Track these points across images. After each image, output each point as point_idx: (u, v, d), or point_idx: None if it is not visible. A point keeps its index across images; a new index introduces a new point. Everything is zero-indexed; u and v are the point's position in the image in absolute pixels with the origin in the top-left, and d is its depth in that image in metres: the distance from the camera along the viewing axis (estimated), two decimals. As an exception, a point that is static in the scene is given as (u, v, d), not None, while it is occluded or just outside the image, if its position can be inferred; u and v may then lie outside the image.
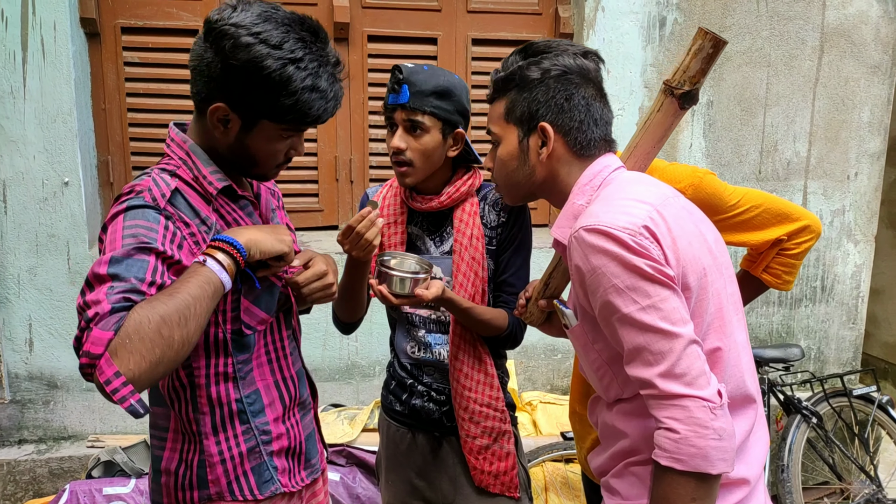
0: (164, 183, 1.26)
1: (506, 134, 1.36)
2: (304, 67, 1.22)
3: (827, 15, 3.31)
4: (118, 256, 1.13)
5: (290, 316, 1.51)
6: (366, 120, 3.18)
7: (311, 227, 3.24)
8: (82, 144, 2.84)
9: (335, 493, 2.63)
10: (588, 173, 1.32)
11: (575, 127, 1.31)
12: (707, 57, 1.31)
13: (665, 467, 1.13)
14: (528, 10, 3.24)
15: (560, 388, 3.35)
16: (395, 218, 1.79)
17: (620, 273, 1.15)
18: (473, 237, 1.71)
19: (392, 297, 1.56)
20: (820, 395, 3.12)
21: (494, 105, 1.39)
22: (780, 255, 1.81)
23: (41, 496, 2.85)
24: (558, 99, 1.30)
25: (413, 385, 1.82)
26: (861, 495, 3.11)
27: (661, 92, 1.37)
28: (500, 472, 1.76)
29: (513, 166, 1.35)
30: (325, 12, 3.06)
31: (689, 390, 1.12)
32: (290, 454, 1.46)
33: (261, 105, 1.24)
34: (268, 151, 1.32)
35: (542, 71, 1.31)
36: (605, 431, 1.38)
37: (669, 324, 1.14)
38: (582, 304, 1.27)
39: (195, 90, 1.28)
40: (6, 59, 2.69)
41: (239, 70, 1.20)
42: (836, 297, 3.57)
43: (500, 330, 1.72)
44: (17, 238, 2.80)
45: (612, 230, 1.16)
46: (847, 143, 3.44)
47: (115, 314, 1.06)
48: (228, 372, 1.35)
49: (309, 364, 3.09)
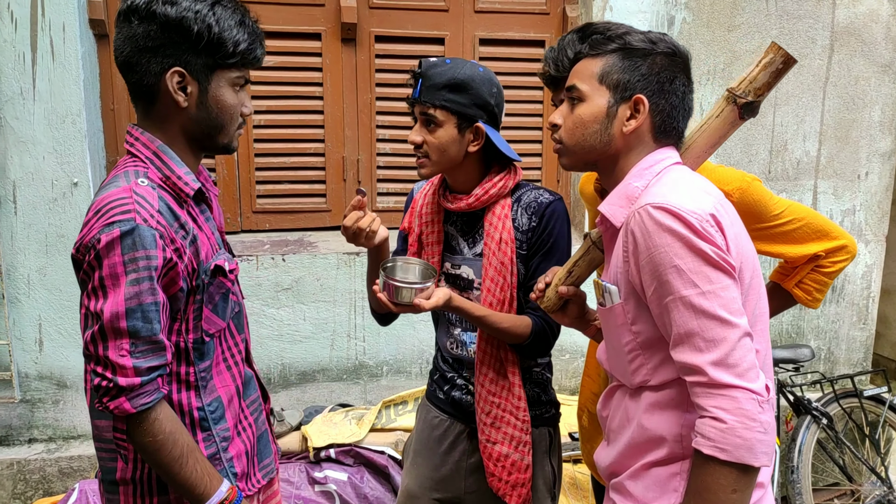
0: (148, 195, 1.25)
1: (594, 95, 1.31)
2: (227, 6, 1.30)
3: (837, 13, 3.29)
4: (132, 307, 1.20)
5: (240, 319, 1.51)
6: (373, 120, 3.18)
7: (319, 228, 3.25)
8: (91, 145, 2.85)
9: (343, 492, 2.63)
10: (651, 158, 1.30)
11: (667, 111, 1.29)
12: (776, 72, 1.29)
13: (707, 456, 1.12)
14: (536, 9, 3.23)
15: (568, 389, 3.34)
16: (431, 217, 1.78)
17: (685, 255, 1.14)
18: (503, 241, 1.67)
19: (392, 306, 1.55)
20: (830, 395, 3.10)
21: (587, 63, 1.33)
22: (815, 271, 1.81)
23: (51, 495, 2.86)
24: (662, 78, 1.28)
25: (454, 378, 1.83)
26: (872, 497, 3.09)
27: (724, 99, 1.34)
28: (517, 483, 1.73)
29: (592, 129, 1.31)
30: (332, 13, 3.06)
31: (740, 381, 1.12)
32: (245, 456, 1.46)
33: (207, 50, 1.28)
34: (228, 107, 1.34)
35: (652, 43, 1.29)
36: (622, 423, 1.33)
37: (728, 312, 1.14)
38: (632, 280, 1.24)
39: (141, 74, 1.28)
40: (16, 61, 2.71)
41: (176, 24, 1.25)
42: (846, 298, 3.55)
43: (521, 338, 1.67)
44: (27, 238, 2.82)
45: (681, 211, 1.15)
46: (857, 143, 3.42)
47: (144, 392, 1.23)
48: (191, 381, 1.36)
49: (317, 364, 3.12)
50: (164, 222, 1.24)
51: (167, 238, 1.24)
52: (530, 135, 3.32)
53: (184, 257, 1.28)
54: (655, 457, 1.26)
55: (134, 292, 1.19)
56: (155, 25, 1.25)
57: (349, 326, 3.13)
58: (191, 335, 1.34)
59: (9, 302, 2.82)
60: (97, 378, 1.21)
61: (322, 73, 3.11)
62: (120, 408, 1.21)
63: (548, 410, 1.82)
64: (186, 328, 1.33)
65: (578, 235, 3.31)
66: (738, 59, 3.23)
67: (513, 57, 3.23)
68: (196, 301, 1.33)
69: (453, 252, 1.77)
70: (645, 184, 1.27)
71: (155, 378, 1.24)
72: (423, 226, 1.79)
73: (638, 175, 1.29)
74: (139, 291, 1.19)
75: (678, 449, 1.23)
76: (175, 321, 1.31)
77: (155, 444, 1.24)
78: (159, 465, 1.26)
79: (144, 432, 1.23)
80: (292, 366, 3.11)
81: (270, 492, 1.60)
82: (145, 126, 1.34)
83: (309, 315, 3.09)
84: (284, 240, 3.17)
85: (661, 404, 1.25)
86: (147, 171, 1.29)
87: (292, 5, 3.03)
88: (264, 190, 3.16)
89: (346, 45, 3.10)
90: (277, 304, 3.04)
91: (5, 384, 2.88)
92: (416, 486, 1.87)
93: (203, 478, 1.28)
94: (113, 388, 1.20)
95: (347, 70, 3.13)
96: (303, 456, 2.77)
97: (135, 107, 1.34)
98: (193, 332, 1.34)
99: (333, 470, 2.68)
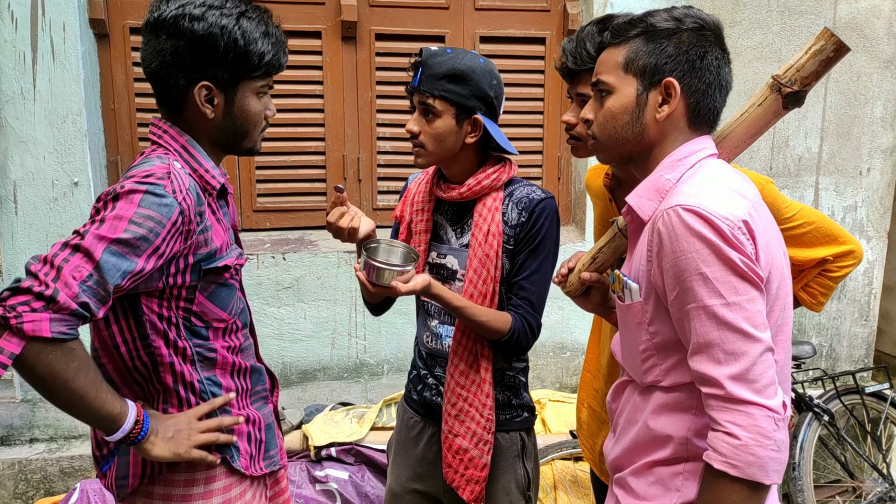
0: (183, 176, 1.29)
1: (621, 85, 1.24)
2: (252, 17, 1.33)
3: (839, 9, 3.28)
4: (114, 250, 1.16)
5: (245, 315, 1.54)
6: (374, 118, 3.18)
7: (320, 226, 3.24)
8: (92, 145, 2.85)
9: (344, 491, 2.63)
10: (684, 149, 1.23)
11: (702, 90, 1.21)
12: (826, 60, 1.21)
13: (718, 471, 1.10)
14: (536, 6, 3.22)
15: (569, 387, 3.33)
16: (423, 205, 1.78)
17: (712, 262, 1.09)
18: (490, 234, 1.66)
19: (370, 285, 1.53)
20: (832, 392, 3.09)
21: (610, 52, 1.27)
22: (821, 275, 1.81)
23: (52, 494, 2.87)
24: (691, 55, 1.20)
25: (426, 377, 1.83)
26: (873, 493, 3.08)
27: (768, 87, 1.27)
28: (472, 479, 1.72)
29: (623, 121, 1.24)
30: (332, 11, 3.05)
31: (757, 398, 1.09)
32: (250, 440, 1.48)
33: (235, 64, 1.32)
34: (253, 116, 1.39)
35: (677, 21, 1.21)
36: (630, 419, 1.32)
37: (751, 326, 1.10)
38: (653, 281, 1.19)
39: (170, 87, 1.33)
40: (16, 61, 2.71)
41: (205, 40, 1.29)
42: (848, 294, 3.54)
43: (499, 333, 1.65)
44: (28, 238, 2.82)
45: (712, 216, 1.10)
46: (859, 139, 3.41)
47: (67, 321, 1.12)
48: (188, 354, 1.37)
49: (317, 363, 3.12)
50: (190, 203, 1.27)
51: (186, 217, 1.26)
52: (531, 132, 3.31)
53: (189, 241, 1.29)
54: (659, 456, 1.25)
55: (127, 240, 1.17)
56: (182, 41, 1.29)
57: (350, 325, 3.13)
58: (181, 312, 1.34)
59: (10, 301, 2.82)
60: (31, 280, 1.10)
61: (322, 71, 3.10)
62: (35, 325, 1.09)
63: (518, 414, 1.80)
64: (177, 305, 1.34)
65: (580, 232, 3.30)
66: (740, 56, 3.22)
67: (513, 54, 3.22)
68: (189, 283, 1.33)
69: (440, 241, 1.77)
70: (678, 176, 1.21)
71: (81, 317, 1.14)
72: (413, 214, 1.79)
73: (670, 166, 1.23)
74: (131, 244, 1.18)
75: (682, 451, 1.22)
76: (163, 296, 1.31)
77: (69, 370, 1.15)
78: (73, 392, 1.17)
79: (57, 359, 1.13)
80: (293, 364, 3.11)
81: (278, 489, 1.61)
82: (178, 127, 1.38)
83: (310, 314, 3.09)
84: (285, 238, 3.17)
85: (670, 406, 1.23)
86: (178, 160, 1.34)
87: (292, 3, 3.03)
88: (265, 189, 3.16)
89: (347, 43, 3.10)
90: (278, 303, 3.04)
91: (6, 384, 2.88)
92: (398, 486, 1.88)
93: (116, 400, 1.24)
94: (44, 298, 1.09)
95: (348, 68, 3.12)
96: (304, 455, 2.77)
97: (160, 108, 1.39)
98: (184, 312, 1.35)
99: (334, 468, 2.68)
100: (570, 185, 3.40)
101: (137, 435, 1.27)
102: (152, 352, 1.34)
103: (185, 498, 1.38)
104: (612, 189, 1.77)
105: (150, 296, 1.31)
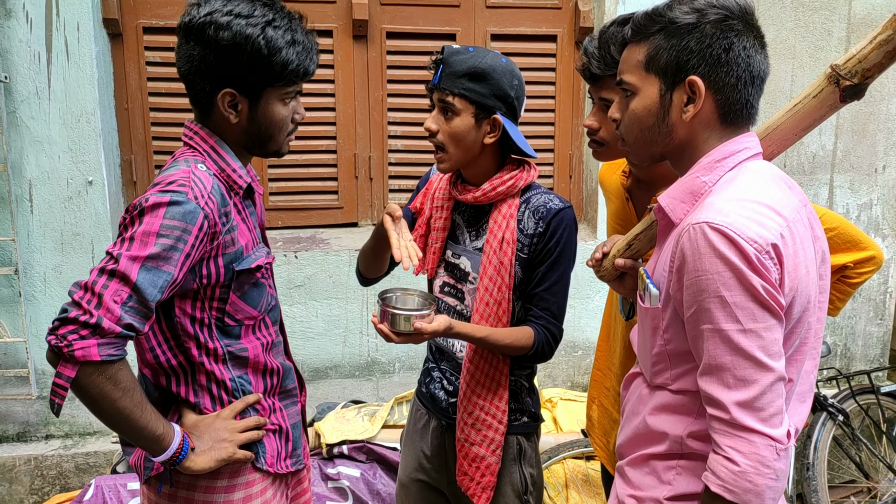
0: (205, 179, 1.33)
1: (644, 85, 1.19)
2: (279, 26, 1.35)
3: (853, 5, 3.25)
4: (149, 267, 1.22)
5: (276, 313, 1.57)
6: (385, 117, 3.18)
7: (331, 225, 3.26)
8: (106, 144, 2.87)
9: (356, 488, 2.64)
10: (723, 149, 1.17)
11: (730, 84, 1.14)
12: (893, 52, 1.12)
13: (714, 494, 1.10)
14: (548, 4, 3.21)
15: (580, 385, 3.33)
16: (443, 202, 1.77)
17: (733, 286, 1.06)
18: (504, 241, 1.64)
19: (395, 336, 1.54)
20: (846, 392, 3.07)
21: (632, 50, 1.21)
22: (840, 281, 1.78)
23: (67, 490, 2.90)
24: (715, 49, 1.13)
25: (433, 370, 1.85)
26: (889, 494, 3.06)
27: (825, 77, 1.19)
28: (488, 486, 1.72)
29: (648, 122, 1.20)
30: (343, 9, 3.06)
31: (762, 427, 1.08)
32: (279, 437, 1.51)
33: (258, 73, 1.34)
34: (278, 121, 1.42)
35: (698, 13, 1.14)
36: (633, 411, 1.34)
37: (766, 355, 1.08)
38: (672, 294, 1.17)
39: (197, 91, 1.38)
40: (31, 61, 2.73)
41: (229, 49, 1.31)
42: (862, 293, 3.51)
43: (524, 350, 1.66)
44: (43, 237, 2.85)
45: (740, 238, 1.05)
46: (874, 136, 3.37)
47: (114, 343, 1.19)
48: (219, 354, 1.41)
49: (329, 361, 3.13)
50: (213, 206, 1.31)
51: (211, 220, 1.30)
52: (542, 130, 3.30)
53: (215, 241, 1.33)
54: (655, 450, 1.26)
55: (158, 254, 1.22)
56: (208, 49, 1.32)
57: (361, 323, 3.14)
58: (214, 313, 1.39)
59: (25, 300, 2.85)
60: (76, 310, 1.17)
61: (333, 70, 3.11)
62: (85, 350, 1.17)
63: (517, 418, 1.79)
64: (210, 305, 1.38)
65: (591, 230, 3.29)
66: (753, 53, 3.20)
67: (524, 52, 3.21)
68: (223, 287, 1.38)
69: (456, 241, 1.76)
70: (715, 179, 1.15)
71: (127, 337, 1.22)
72: (433, 210, 1.78)
73: (708, 167, 1.17)
74: (163, 257, 1.23)
75: (677, 448, 1.23)
76: (197, 298, 1.36)
77: (117, 391, 1.22)
78: (119, 411, 1.24)
79: (107, 380, 1.21)
80: (305, 362, 3.13)
81: (301, 489, 1.63)
82: (206, 129, 1.42)
83: (321, 312, 3.10)
84: (297, 237, 3.18)
85: (672, 407, 1.24)
86: (204, 162, 1.37)
87: (303, 2, 3.04)
88: (276, 187, 3.17)
89: (358, 41, 3.10)
90: (290, 301, 3.05)
91: (22, 381, 2.92)
92: (405, 476, 1.91)
93: (160, 421, 1.30)
94: (90, 326, 1.17)
95: (359, 67, 3.13)
96: (316, 452, 2.78)
97: (193, 109, 1.43)
98: (217, 312, 1.39)
99: (346, 466, 2.69)
100: (581, 184, 3.39)
101: (177, 457, 1.33)
102: (185, 351, 1.39)
103: (209, 490, 1.42)
104: (630, 189, 1.74)
105: (185, 297, 1.35)
